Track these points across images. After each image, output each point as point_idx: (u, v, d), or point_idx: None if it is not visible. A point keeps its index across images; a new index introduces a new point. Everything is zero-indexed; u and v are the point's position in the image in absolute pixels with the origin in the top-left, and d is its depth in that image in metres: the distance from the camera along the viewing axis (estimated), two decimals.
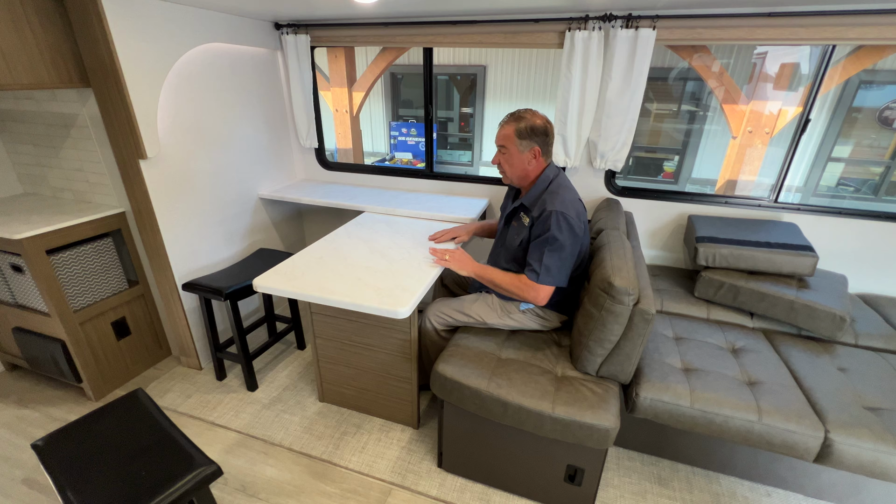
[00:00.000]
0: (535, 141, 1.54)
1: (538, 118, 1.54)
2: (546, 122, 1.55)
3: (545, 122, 1.55)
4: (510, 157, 1.58)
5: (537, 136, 1.53)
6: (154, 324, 2.29)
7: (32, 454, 1.78)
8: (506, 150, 1.58)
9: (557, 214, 1.46)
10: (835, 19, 1.69)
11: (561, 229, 1.46)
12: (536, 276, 1.50)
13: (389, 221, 2.23)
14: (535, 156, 1.56)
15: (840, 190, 4.76)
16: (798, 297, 1.76)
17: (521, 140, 1.53)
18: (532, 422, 1.38)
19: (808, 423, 1.36)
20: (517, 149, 1.55)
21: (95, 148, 1.91)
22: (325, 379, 2.00)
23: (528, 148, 1.54)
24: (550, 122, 1.57)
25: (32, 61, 1.57)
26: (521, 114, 1.55)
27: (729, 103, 3.45)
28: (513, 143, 1.55)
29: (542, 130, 1.53)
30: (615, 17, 1.87)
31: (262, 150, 2.52)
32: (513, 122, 1.54)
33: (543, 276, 1.49)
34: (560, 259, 1.48)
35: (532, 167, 1.58)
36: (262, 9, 2.02)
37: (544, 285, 1.50)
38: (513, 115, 1.56)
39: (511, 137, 1.55)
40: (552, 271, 1.48)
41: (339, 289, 1.53)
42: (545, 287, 1.51)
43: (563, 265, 1.50)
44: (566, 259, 1.50)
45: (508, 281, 1.57)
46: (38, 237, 1.75)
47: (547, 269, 1.48)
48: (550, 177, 1.59)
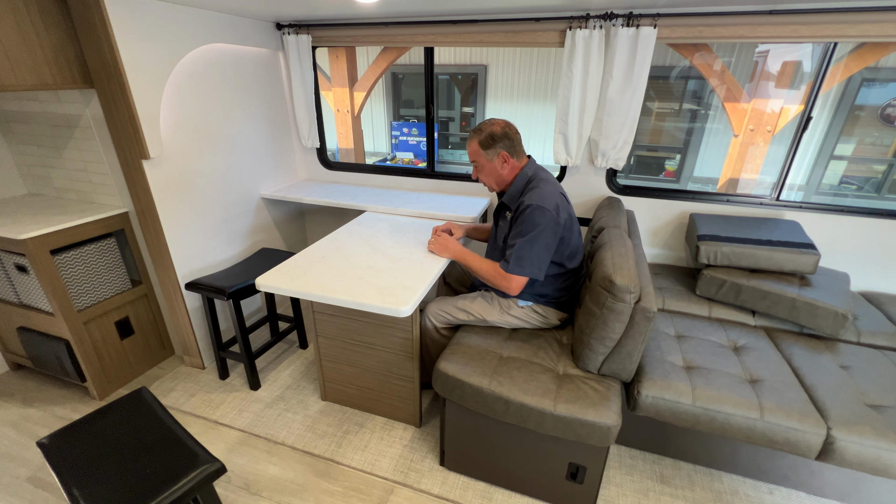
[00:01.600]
0: (499, 146, 1.60)
1: (496, 125, 1.61)
2: (504, 125, 1.61)
3: (503, 126, 1.61)
4: (482, 168, 1.65)
5: (499, 141, 1.59)
6: (157, 323, 2.30)
7: (37, 453, 1.79)
8: (477, 163, 1.66)
9: (532, 208, 1.50)
10: (836, 17, 1.68)
11: (535, 222, 1.50)
12: (507, 266, 1.55)
13: (391, 221, 2.24)
14: (504, 160, 1.61)
15: (843, 188, 4.75)
16: (800, 295, 1.76)
17: (487, 150, 1.60)
18: (534, 419, 1.39)
19: (810, 421, 1.36)
20: (486, 159, 1.62)
21: (99, 148, 1.92)
22: (327, 378, 2.01)
23: (496, 154, 1.61)
24: (509, 123, 1.63)
25: (36, 62, 1.58)
26: (480, 127, 1.63)
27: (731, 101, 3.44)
28: (480, 156, 1.62)
29: (501, 135, 1.59)
30: (616, 16, 1.87)
31: (264, 150, 2.53)
32: (474, 135, 1.62)
33: (514, 266, 1.53)
34: (533, 250, 1.51)
35: (506, 171, 1.64)
36: (264, 9, 2.02)
37: (515, 275, 1.54)
38: (474, 130, 1.64)
39: (477, 151, 1.62)
40: (523, 262, 1.51)
41: (341, 287, 1.54)
42: (516, 277, 1.54)
43: (536, 257, 1.52)
44: (540, 251, 1.52)
45: (485, 269, 1.63)
46: (42, 237, 1.76)
47: (518, 260, 1.52)
48: (529, 174, 1.64)
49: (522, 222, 1.52)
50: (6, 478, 1.69)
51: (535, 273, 1.53)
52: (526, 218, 1.51)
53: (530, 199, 1.53)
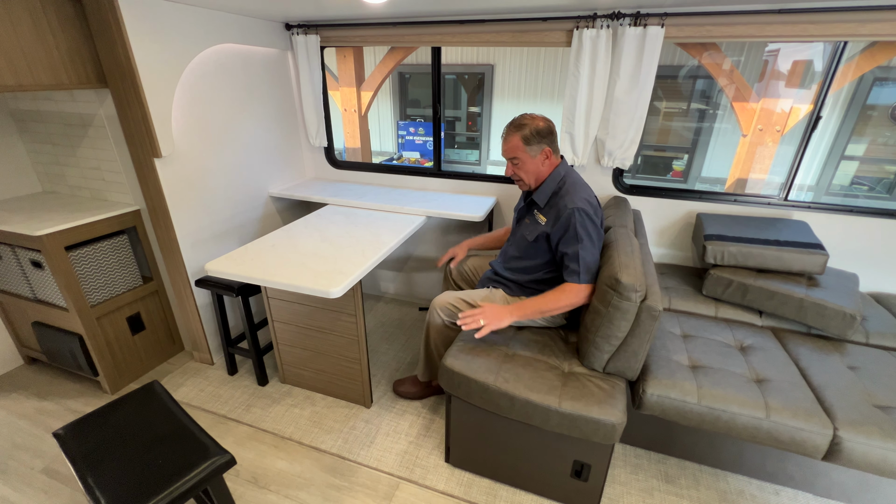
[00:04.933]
0: (544, 142, 1.56)
1: (539, 120, 1.56)
2: (547, 121, 1.57)
3: (546, 122, 1.57)
4: (523, 164, 1.59)
5: (544, 136, 1.56)
6: (167, 319, 2.34)
7: (52, 445, 1.83)
8: (518, 160, 1.59)
9: (578, 212, 1.48)
10: (847, 15, 1.67)
11: (585, 225, 1.48)
12: (578, 277, 1.48)
13: (347, 213, 2.33)
14: (546, 156, 1.58)
15: (854, 189, 4.69)
16: (808, 296, 1.75)
17: (530, 146, 1.55)
18: (539, 416, 1.40)
19: (816, 421, 1.35)
20: (528, 155, 1.57)
21: (112, 147, 1.96)
22: (284, 361, 2.12)
23: (539, 150, 1.57)
24: (548, 119, 1.58)
25: (52, 63, 1.62)
26: (521, 121, 1.56)
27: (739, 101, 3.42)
28: (522, 151, 1.57)
29: (547, 131, 1.55)
30: (623, 15, 1.87)
31: (273, 149, 2.56)
32: (516, 131, 1.56)
33: (584, 275, 1.48)
34: (593, 254, 1.50)
35: (546, 167, 1.61)
36: (274, 10, 2.05)
37: (589, 284, 1.49)
38: (513, 124, 1.58)
39: (519, 146, 1.56)
40: (591, 269, 1.49)
41: (281, 272, 1.63)
42: (589, 286, 1.50)
43: (595, 259, 1.50)
44: (597, 255, 1.51)
45: (553, 298, 1.53)
46: (57, 234, 1.80)
47: (587, 268, 1.48)
48: (562, 173, 1.61)
49: (573, 228, 1.48)
50: (22, 468, 1.73)
51: (596, 280, 1.49)
52: (577, 223, 1.47)
53: (573, 201, 1.49)
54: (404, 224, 2.14)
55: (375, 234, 2.01)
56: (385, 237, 1.97)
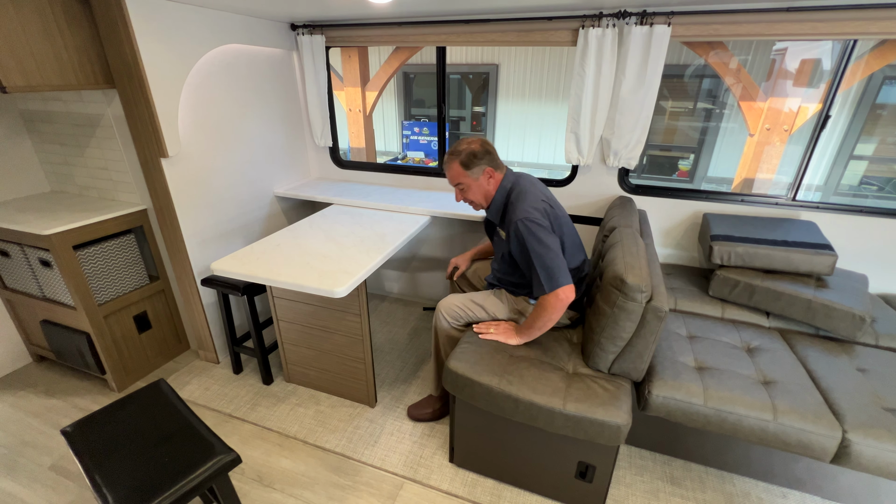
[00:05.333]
0: (482, 162, 1.60)
1: (474, 143, 1.61)
2: (482, 142, 1.62)
3: (482, 143, 1.62)
4: (469, 188, 1.65)
5: (481, 157, 1.60)
6: (173, 318, 2.35)
7: (60, 442, 1.85)
8: (462, 185, 1.65)
9: (522, 223, 1.50)
10: (857, 13, 1.65)
11: (533, 233, 1.49)
12: (544, 289, 1.50)
13: (352, 213, 2.33)
14: (489, 175, 1.63)
15: (863, 189, 4.64)
16: (816, 297, 1.73)
17: (471, 169, 1.61)
18: (543, 418, 1.39)
19: (824, 423, 1.34)
20: (471, 178, 1.63)
21: (119, 147, 1.97)
22: (289, 360, 2.12)
23: (480, 171, 1.62)
24: (485, 139, 1.64)
25: (61, 64, 1.63)
26: (457, 148, 1.63)
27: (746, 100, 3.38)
28: (465, 176, 1.63)
29: (483, 151, 1.60)
30: (629, 14, 1.86)
31: (278, 149, 2.57)
32: (454, 158, 1.62)
33: (549, 283, 1.49)
34: (550, 260, 1.48)
35: (491, 186, 1.65)
36: (279, 10, 2.06)
37: (558, 289, 1.49)
38: (450, 152, 1.64)
39: (460, 172, 1.62)
40: (553, 274, 1.48)
41: (286, 271, 1.64)
42: (559, 290, 1.49)
43: (557, 263, 1.49)
44: (556, 257, 1.49)
45: (539, 314, 1.55)
46: (65, 233, 1.82)
47: (549, 275, 1.48)
48: (507, 186, 1.64)
49: (522, 240, 1.51)
50: (30, 465, 1.75)
51: (565, 280, 1.49)
52: (525, 235, 1.50)
53: (517, 214, 1.53)
54: (409, 224, 2.14)
55: (380, 233, 2.02)
56: (390, 237, 1.97)
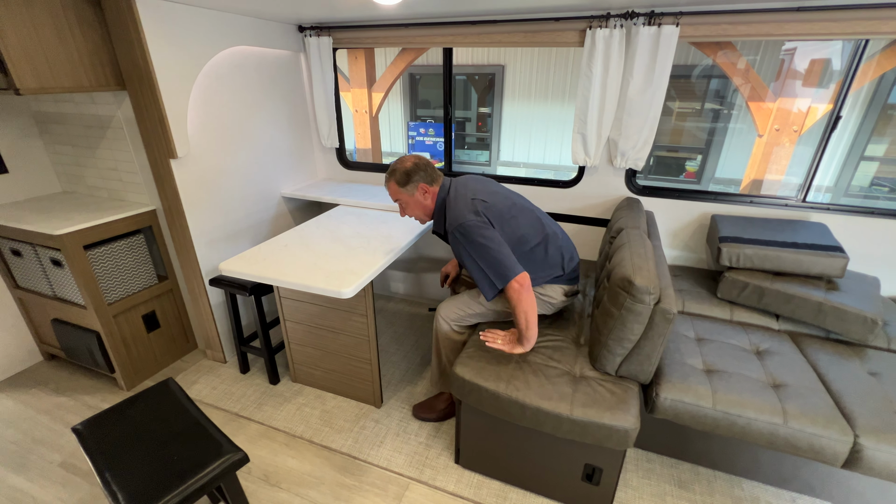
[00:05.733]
0: (415, 179, 1.64)
1: (406, 161, 1.67)
2: (414, 160, 1.67)
3: (413, 160, 1.67)
4: (407, 204, 1.71)
5: (413, 175, 1.64)
6: (181, 318, 2.37)
7: (69, 440, 1.87)
8: (401, 201, 1.71)
9: (457, 228, 1.53)
10: (868, 13, 1.63)
11: (470, 239, 1.51)
12: (495, 287, 1.51)
13: (359, 213, 2.34)
14: (423, 191, 1.66)
15: (874, 190, 4.58)
16: (827, 299, 1.71)
17: (405, 187, 1.65)
18: (550, 423, 1.39)
19: (836, 428, 1.32)
20: (407, 195, 1.67)
21: (129, 148, 1.99)
22: (295, 360, 2.13)
23: (415, 188, 1.66)
24: (419, 155, 1.69)
25: (73, 66, 1.65)
26: (392, 168, 1.68)
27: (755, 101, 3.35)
28: (402, 194, 1.68)
29: (413, 169, 1.64)
30: (637, 15, 1.85)
31: (285, 150, 2.58)
32: (390, 177, 1.68)
33: (499, 281, 1.49)
34: (494, 258, 1.48)
35: (429, 200, 1.69)
36: (287, 12, 2.07)
37: (509, 285, 1.48)
38: (387, 172, 1.69)
39: (397, 190, 1.68)
40: (500, 270, 1.48)
41: (293, 272, 1.65)
42: (512, 283, 1.48)
43: (502, 259, 1.48)
44: (499, 253, 1.49)
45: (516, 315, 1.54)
46: (76, 233, 1.84)
47: (497, 275, 1.49)
48: (443, 195, 1.68)
49: (463, 247, 1.53)
50: (41, 462, 1.77)
51: (516, 270, 1.48)
52: (461, 241, 1.52)
53: (450, 223, 1.57)
54: (415, 225, 2.15)
55: (386, 235, 2.02)
56: (396, 238, 1.98)
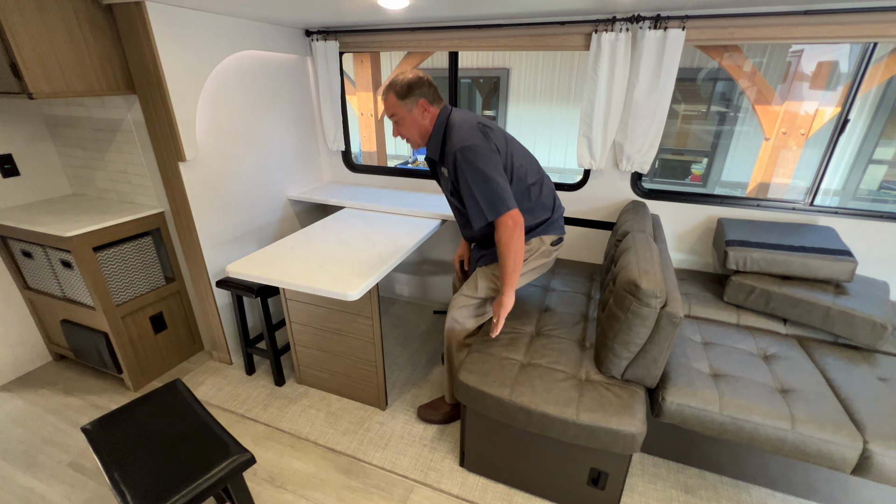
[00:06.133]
0: (417, 94, 1.52)
1: (409, 74, 1.53)
2: (417, 73, 1.54)
3: (416, 74, 1.54)
4: (403, 121, 1.57)
5: (416, 88, 1.51)
6: (188, 319, 2.39)
7: (78, 439, 1.89)
8: (396, 116, 1.57)
9: (460, 151, 1.44)
10: (876, 16, 1.62)
11: (472, 162, 1.44)
12: (487, 217, 1.45)
13: (365, 216, 2.34)
14: (424, 108, 1.54)
15: (883, 193, 4.54)
16: (835, 304, 1.69)
17: (405, 100, 1.52)
18: (556, 428, 1.38)
19: (845, 433, 1.31)
20: (405, 110, 1.54)
21: (138, 151, 2.02)
22: (301, 362, 2.15)
23: (415, 104, 1.53)
24: (421, 71, 1.56)
25: (85, 70, 1.68)
26: (392, 80, 1.54)
27: (762, 104, 3.34)
28: (399, 108, 1.54)
29: (416, 82, 1.51)
30: (643, 18, 1.85)
31: (292, 153, 2.60)
32: (389, 89, 1.54)
33: (490, 212, 1.45)
34: (491, 188, 1.44)
35: (427, 120, 1.57)
36: (295, 17, 2.09)
37: (502, 216, 1.45)
38: (386, 85, 1.56)
39: (396, 104, 1.54)
40: (495, 202, 1.44)
41: (299, 274, 1.66)
42: (505, 216, 1.45)
43: (498, 190, 1.45)
44: (497, 184, 1.45)
45: (501, 252, 1.49)
46: (86, 235, 1.86)
47: (490, 205, 1.45)
48: (443, 119, 1.57)
49: (461, 170, 1.45)
50: (49, 462, 1.78)
51: (510, 204, 1.45)
52: (461, 164, 1.45)
53: (452, 144, 1.47)
54: (420, 227, 2.15)
55: (392, 237, 2.03)
56: (401, 240, 1.99)
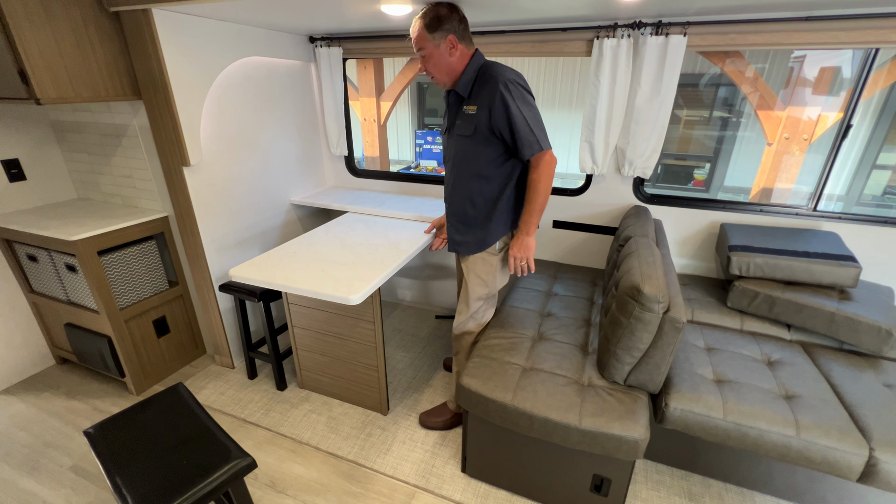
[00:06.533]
0: (447, 30, 1.43)
1: (442, 7, 1.43)
2: (450, 7, 1.44)
3: (449, 8, 1.44)
4: (430, 56, 1.47)
5: (446, 23, 1.42)
6: (191, 323, 2.40)
7: (80, 443, 1.89)
8: (423, 49, 1.47)
9: (510, 81, 1.40)
10: (878, 22, 1.63)
11: (521, 94, 1.42)
12: (540, 145, 1.43)
13: (367, 221, 2.35)
14: (451, 45, 1.45)
15: (887, 199, 4.52)
16: (839, 310, 1.68)
17: (433, 34, 1.43)
18: (559, 434, 1.38)
19: (850, 441, 1.30)
20: (433, 45, 1.45)
21: (143, 156, 2.03)
22: (303, 366, 2.15)
23: (443, 39, 1.44)
24: (456, 6, 1.46)
25: (92, 77, 1.70)
26: (423, 9, 1.45)
27: (764, 109, 3.34)
28: (427, 41, 1.44)
29: (448, 15, 1.42)
30: (645, 25, 1.86)
31: (295, 158, 2.62)
32: (419, 20, 1.45)
33: (544, 140, 1.44)
34: (538, 120, 1.44)
35: (455, 59, 1.47)
36: (299, 24, 2.11)
37: (548, 151, 1.45)
38: (418, 13, 1.47)
39: (423, 35, 1.44)
40: (541, 133, 1.44)
41: (301, 278, 1.66)
42: (549, 152, 1.46)
43: (542, 125, 1.45)
44: (540, 119, 1.45)
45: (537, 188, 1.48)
46: (91, 239, 1.87)
47: (543, 134, 1.44)
48: (480, 62, 1.50)
49: (510, 100, 1.39)
50: (51, 465, 1.78)
51: (549, 143, 1.46)
52: (512, 93, 1.39)
53: (497, 76, 1.41)
54: (422, 232, 2.16)
55: (394, 241, 2.03)
56: (403, 245, 1.99)
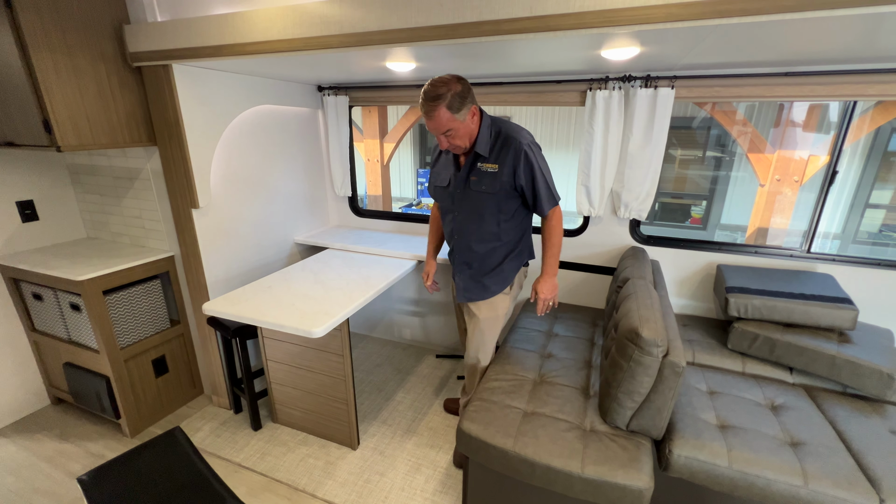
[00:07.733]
0: (468, 101, 1.50)
1: (451, 83, 1.46)
2: (458, 78, 1.49)
3: (459, 80, 1.48)
4: (457, 132, 1.54)
5: (466, 96, 1.49)
6: (190, 362, 2.38)
7: (70, 488, 1.84)
8: (451, 131, 1.52)
9: (531, 146, 1.59)
10: (853, 77, 1.73)
11: (540, 157, 1.62)
12: (555, 201, 1.67)
13: (344, 257, 2.42)
14: (473, 114, 1.54)
15: (884, 236, 4.58)
16: (840, 353, 1.68)
17: (459, 112, 1.49)
18: (561, 482, 1.35)
19: (859, 490, 1.27)
20: (459, 122, 1.51)
21: (154, 198, 2.10)
22: (277, 400, 2.15)
23: (468, 112, 1.52)
24: (460, 76, 1.51)
25: (111, 125, 1.79)
26: (436, 91, 1.45)
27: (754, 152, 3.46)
28: (454, 121, 1.50)
29: (465, 90, 1.48)
30: (634, 78, 1.97)
31: (300, 199, 2.69)
32: (439, 102, 1.45)
33: (557, 195, 1.67)
34: (551, 178, 1.66)
35: (475, 123, 1.58)
36: (308, 75, 2.24)
37: (557, 206, 1.69)
38: (429, 97, 1.46)
39: (450, 118, 1.49)
40: (554, 191, 1.67)
41: (270, 312, 1.71)
42: (559, 208, 1.71)
43: (553, 183, 1.67)
44: (551, 177, 1.67)
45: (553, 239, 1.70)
46: (97, 279, 1.91)
47: (556, 192, 1.67)
48: (489, 121, 1.63)
49: (533, 162, 1.58)
50: None
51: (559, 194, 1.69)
52: (535, 156, 1.59)
53: (518, 139, 1.58)
54: (394, 267, 2.23)
55: (366, 276, 2.09)
56: (374, 279, 2.04)
